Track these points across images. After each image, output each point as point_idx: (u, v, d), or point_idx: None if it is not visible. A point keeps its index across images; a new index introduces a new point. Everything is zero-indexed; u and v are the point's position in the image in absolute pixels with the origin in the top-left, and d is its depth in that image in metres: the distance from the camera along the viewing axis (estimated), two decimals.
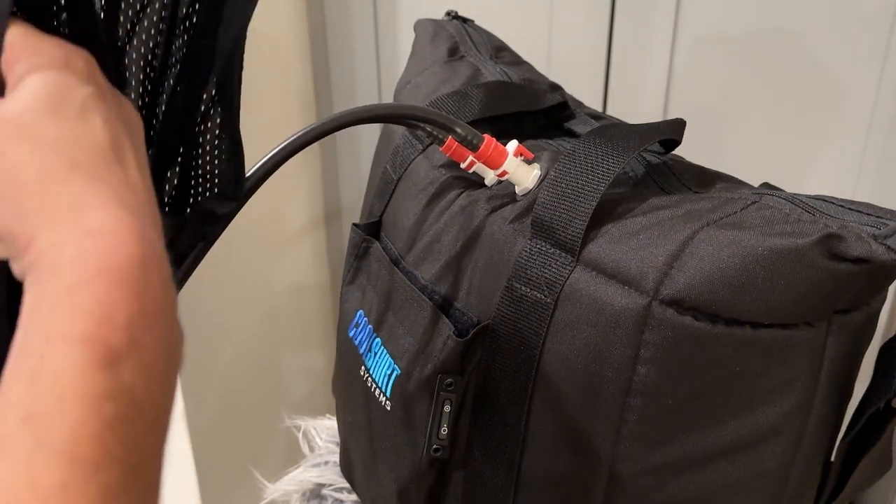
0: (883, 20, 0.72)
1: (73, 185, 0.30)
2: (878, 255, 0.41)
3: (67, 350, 0.27)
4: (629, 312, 0.44)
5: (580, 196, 0.47)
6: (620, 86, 0.88)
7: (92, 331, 0.27)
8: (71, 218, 0.29)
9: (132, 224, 0.30)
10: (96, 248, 0.29)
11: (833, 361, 0.46)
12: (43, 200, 0.29)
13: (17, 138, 0.30)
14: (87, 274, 0.28)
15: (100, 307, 0.28)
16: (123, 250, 0.29)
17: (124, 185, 0.31)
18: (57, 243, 0.29)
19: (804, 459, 0.49)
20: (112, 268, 0.29)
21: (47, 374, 0.27)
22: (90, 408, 0.27)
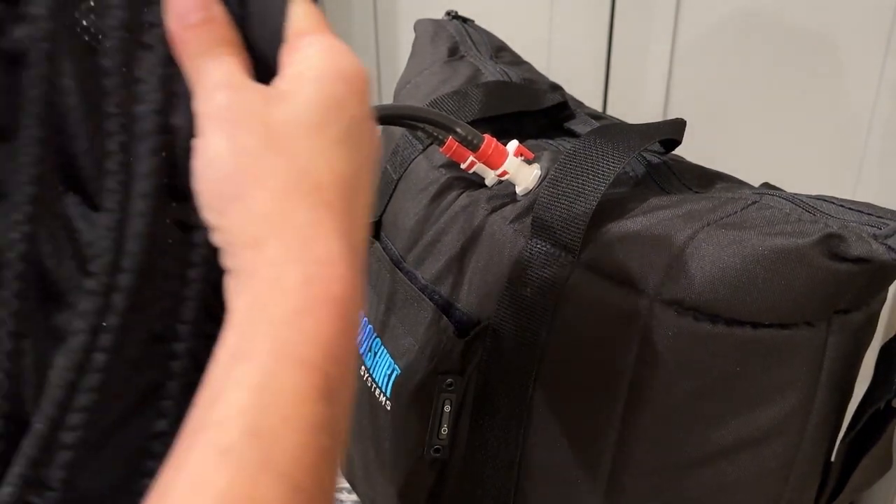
0: (883, 20, 0.72)
1: (312, 208, 0.30)
2: (879, 254, 0.41)
3: (294, 373, 0.27)
4: (630, 313, 0.44)
5: (580, 196, 0.47)
6: (620, 86, 0.88)
7: (317, 359, 0.28)
8: (301, 239, 0.30)
9: (352, 261, 0.30)
10: (323, 277, 0.29)
11: (833, 361, 0.46)
12: (280, 211, 0.30)
13: (277, 145, 0.30)
14: (315, 302, 0.29)
15: (323, 338, 0.28)
16: (345, 284, 0.30)
17: (353, 220, 0.32)
18: (284, 260, 0.29)
19: (804, 459, 0.49)
20: (334, 300, 0.29)
21: (273, 392, 0.27)
22: (311, 436, 0.27)
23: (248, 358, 0.28)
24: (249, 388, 0.27)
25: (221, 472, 0.25)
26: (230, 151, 0.30)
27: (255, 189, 0.30)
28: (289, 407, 0.27)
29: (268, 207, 0.29)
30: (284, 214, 0.30)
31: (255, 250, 0.29)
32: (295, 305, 0.28)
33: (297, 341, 0.28)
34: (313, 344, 0.28)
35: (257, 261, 0.29)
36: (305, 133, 0.31)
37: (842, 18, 0.74)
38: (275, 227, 0.29)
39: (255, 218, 0.30)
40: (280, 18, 0.34)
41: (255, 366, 0.27)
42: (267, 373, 0.27)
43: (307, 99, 0.31)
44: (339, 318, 0.29)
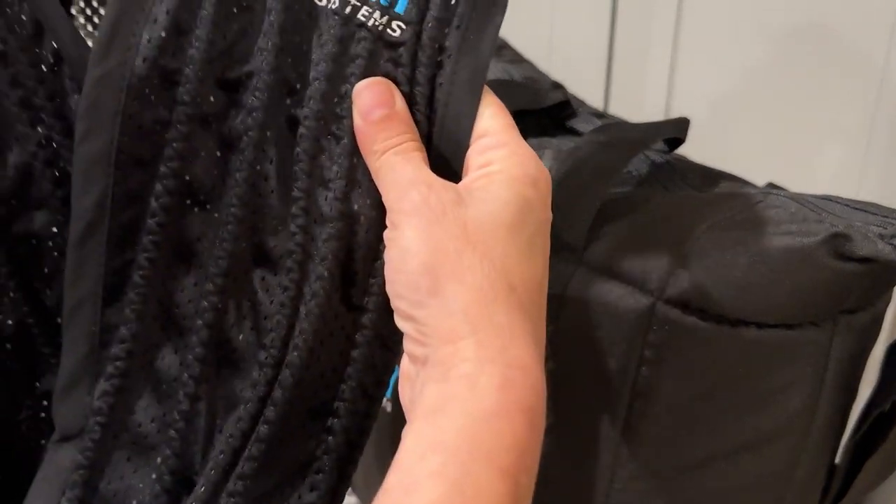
0: (887, 18, 0.72)
1: (507, 309, 0.30)
2: (885, 254, 0.41)
3: (492, 477, 0.27)
4: (633, 313, 0.44)
5: (583, 195, 0.47)
6: (622, 84, 0.88)
7: (511, 466, 0.28)
8: (498, 341, 0.30)
9: (541, 367, 0.31)
10: (519, 383, 0.29)
11: (839, 362, 0.46)
12: (478, 310, 0.30)
13: (473, 245, 0.31)
14: (511, 407, 0.29)
15: (518, 445, 0.28)
16: (537, 393, 0.30)
17: (540, 324, 0.32)
18: (481, 359, 0.29)
19: (809, 461, 0.48)
20: (529, 409, 0.29)
21: (470, 491, 0.27)
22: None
23: (443, 450, 0.28)
24: (446, 482, 0.27)
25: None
26: (427, 246, 0.31)
27: (453, 284, 0.30)
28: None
29: (466, 304, 0.30)
30: (483, 313, 0.30)
31: (452, 345, 0.30)
32: (491, 407, 0.28)
33: (493, 444, 0.28)
34: (508, 449, 0.28)
35: (453, 356, 0.30)
36: (500, 234, 0.31)
37: (845, 16, 0.74)
38: (473, 324, 0.30)
39: (452, 313, 0.30)
40: (469, 119, 0.34)
41: (452, 460, 0.27)
42: (464, 470, 0.27)
43: (501, 201, 0.32)
44: (531, 428, 0.29)
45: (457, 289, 0.30)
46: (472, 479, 0.27)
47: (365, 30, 0.35)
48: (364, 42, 0.35)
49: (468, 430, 0.28)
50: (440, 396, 0.29)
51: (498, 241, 0.31)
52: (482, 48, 0.34)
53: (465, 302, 0.30)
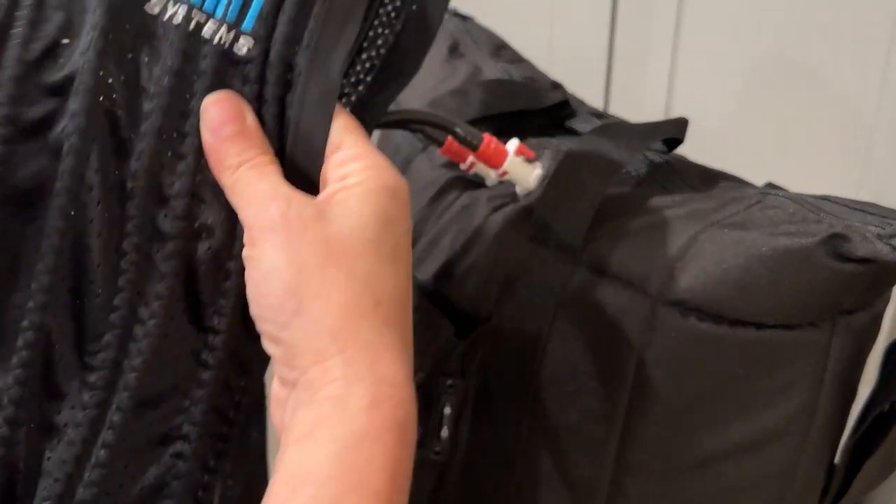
0: (887, 19, 0.72)
1: (374, 325, 0.30)
2: (883, 255, 0.41)
3: (360, 501, 0.27)
4: (632, 314, 0.44)
5: (582, 196, 0.47)
6: (622, 84, 0.88)
7: (384, 489, 0.28)
8: (367, 357, 0.29)
9: (410, 380, 0.30)
10: (389, 400, 0.29)
11: (837, 362, 0.46)
12: (343, 328, 0.29)
13: (336, 261, 0.30)
14: (381, 427, 0.29)
15: (389, 465, 0.28)
16: (407, 408, 0.30)
17: (407, 336, 0.32)
18: (350, 378, 0.29)
19: (808, 461, 0.48)
20: (399, 425, 0.29)
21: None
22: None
23: (312, 481, 0.27)
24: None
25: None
26: (290, 264, 0.30)
27: (318, 302, 0.30)
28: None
29: (332, 323, 0.29)
30: (349, 331, 0.30)
31: (319, 366, 0.29)
32: (361, 428, 0.28)
33: (363, 468, 0.28)
34: (379, 471, 0.28)
35: (321, 377, 0.29)
36: (363, 249, 0.31)
37: (846, 16, 0.74)
38: (340, 342, 0.29)
39: (318, 333, 0.29)
40: (321, 139, 0.33)
41: (323, 491, 0.27)
42: (336, 501, 0.27)
43: (361, 215, 0.31)
44: (402, 445, 0.29)
45: (322, 307, 0.29)
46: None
47: (210, 46, 0.34)
48: (209, 58, 0.34)
49: (338, 457, 0.28)
50: (309, 421, 0.29)
51: (361, 255, 0.30)
52: (332, 67, 0.33)
53: (332, 320, 0.29)
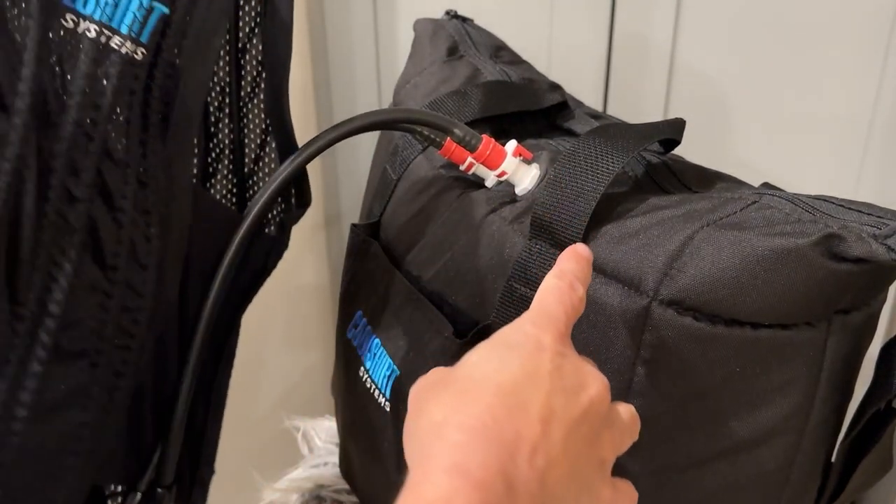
0: (885, 18, 0.72)
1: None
2: (879, 255, 0.41)
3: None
4: (629, 313, 0.44)
5: (580, 196, 0.47)
6: (620, 85, 0.88)
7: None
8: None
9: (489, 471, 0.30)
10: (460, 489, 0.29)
11: (834, 362, 0.46)
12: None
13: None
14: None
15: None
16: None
17: (502, 410, 0.32)
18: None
19: (804, 460, 0.49)
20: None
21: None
22: None
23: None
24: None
25: None
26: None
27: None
28: None
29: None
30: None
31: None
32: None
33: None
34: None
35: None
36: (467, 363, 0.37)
37: (843, 16, 0.74)
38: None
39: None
40: (195, 107, 0.49)
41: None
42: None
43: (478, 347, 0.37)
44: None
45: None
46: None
47: (117, 54, 0.44)
48: (116, 64, 0.44)
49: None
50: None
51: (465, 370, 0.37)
52: (205, 66, 0.47)
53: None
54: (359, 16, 1.03)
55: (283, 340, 1.17)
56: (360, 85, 1.07)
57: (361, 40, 1.05)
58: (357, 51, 1.06)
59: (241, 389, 1.10)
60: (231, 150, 0.53)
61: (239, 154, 0.54)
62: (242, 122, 0.53)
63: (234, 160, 0.54)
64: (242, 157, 0.54)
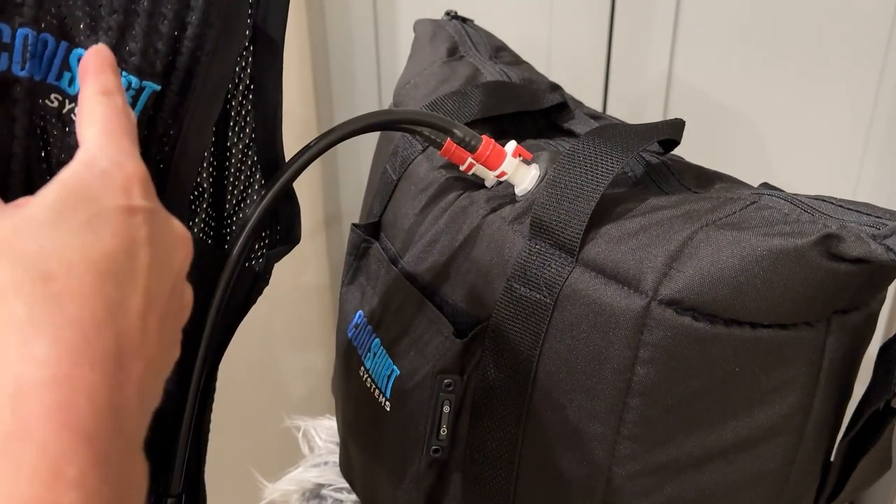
0: (884, 19, 0.72)
1: (35, 302, 0.26)
2: (878, 255, 0.41)
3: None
4: (628, 313, 0.44)
5: (579, 196, 0.47)
6: (620, 86, 0.88)
7: (40, 495, 0.23)
8: (18, 338, 0.25)
9: (86, 359, 0.26)
10: (40, 382, 0.25)
11: (833, 362, 0.46)
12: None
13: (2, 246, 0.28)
14: (32, 419, 0.24)
15: (47, 462, 0.24)
16: (65, 389, 0.25)
17: (101, 310, 0.28)
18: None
19: (804, 459, 0.49)
20: (60, 409, 0.25)
21: None
22: None
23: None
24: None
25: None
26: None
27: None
28: None
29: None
30: (2, 312, 0.26)
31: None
32: (5, 428, 0.24)
33: (12, 480, 0.24)
34: (34, 476, 0.24)
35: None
36: (37, 226, 0.28)
37: (843, 17, 0.74)
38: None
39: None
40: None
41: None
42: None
43: (50, 196, 0.29)
44: (68, 430, 0.25)
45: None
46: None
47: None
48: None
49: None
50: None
51: (33, 235, 0.28)
52: (202, 137, 0.44)
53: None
54: (359, 16, 1.03)
55: (283, 340, 1.17)
56: (360, 85, 1.08)
57: (361, 40, 1.05)
58: (357, 51, 1.06)
59: (241, 389, 1.10)
60: (211, 192, 0.51)
61: (220, 195, 0.52)
62: (226, 164, 0.51)
63: (213, 202, 0.52)
64: (224, 197, 0.52)
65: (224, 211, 0.51)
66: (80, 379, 0.26)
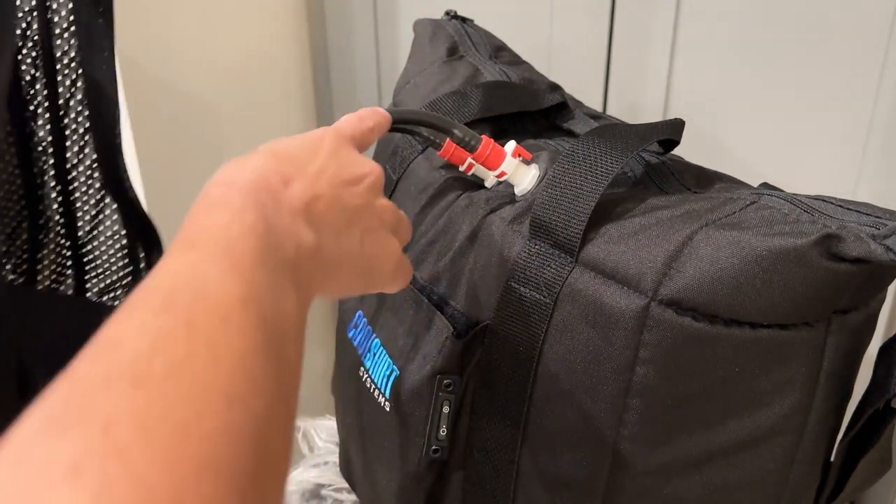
0: (884, 19, 0.72)
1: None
2: (877, 255, 0.41)
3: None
4: (628, 313, 0.44)
5: (579, 196, 0.47)
6: (620, 86, 0.88)
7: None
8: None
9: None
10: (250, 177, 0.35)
11: (832, 362, 0.46)
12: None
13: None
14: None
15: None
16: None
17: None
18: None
19: (804, 460, 0.49)
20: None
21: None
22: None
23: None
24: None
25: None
26: None
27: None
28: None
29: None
30: None
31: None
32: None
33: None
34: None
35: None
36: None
37: (843, 17, 0.74)
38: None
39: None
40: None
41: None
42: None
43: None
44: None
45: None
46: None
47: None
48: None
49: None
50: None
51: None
52: None
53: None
54: (359, 16, 1.03)
55: None
56: (360, 85, 1.08)
57: (361, 40, 1.05)
58: (357, 51, 1.06)
59: None
60: (62, 224, 0.51)
61: (71, 228, 0.51)
62: (71, 189, 0.50)
63: (65, 233, 0.51)
64: (75, 230, 0.51)
65: (77, 245, 0.50)
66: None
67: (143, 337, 0.25)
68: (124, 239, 0.51)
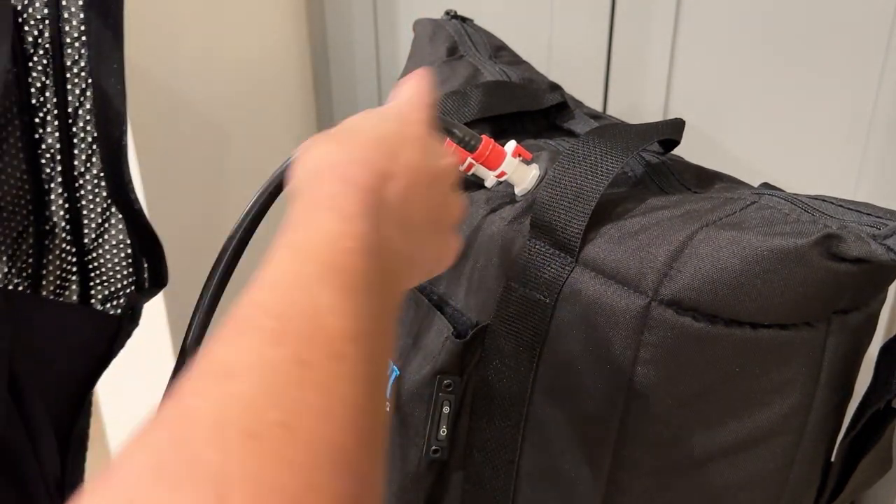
0: (884, 19, 0.72)
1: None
2: (878, 255, 0.41)
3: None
4: (628, 313, 0.44)
5: (579, 196, 0.47)
6: (620, 85, 0.88)
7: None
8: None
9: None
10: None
11: (833, 362, 0.46)
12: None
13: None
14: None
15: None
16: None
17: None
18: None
19: (804, 460, 0.49)
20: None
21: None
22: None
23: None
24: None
25: None
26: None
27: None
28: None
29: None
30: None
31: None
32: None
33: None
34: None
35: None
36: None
37: (843, 17, 0.74)
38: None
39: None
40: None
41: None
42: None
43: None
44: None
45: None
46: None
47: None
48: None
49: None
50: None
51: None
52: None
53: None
54: (359, 16, 1.03)
55: None
56: (360, 85, 1.07)
57: (361, 40, 1.05)
58: (357, 51, 1.06)
59: None
60: (67, 231, 0.51)
61: (77, 235, 0.51)
62: (77, 196, 0.50)
63: (71, 240, 0.51)
64: (81, 238, 0.51)
65: (83, 252, 0.50)
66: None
67: (255, 372, 0.24)
68: (129, 248, 0.51)
